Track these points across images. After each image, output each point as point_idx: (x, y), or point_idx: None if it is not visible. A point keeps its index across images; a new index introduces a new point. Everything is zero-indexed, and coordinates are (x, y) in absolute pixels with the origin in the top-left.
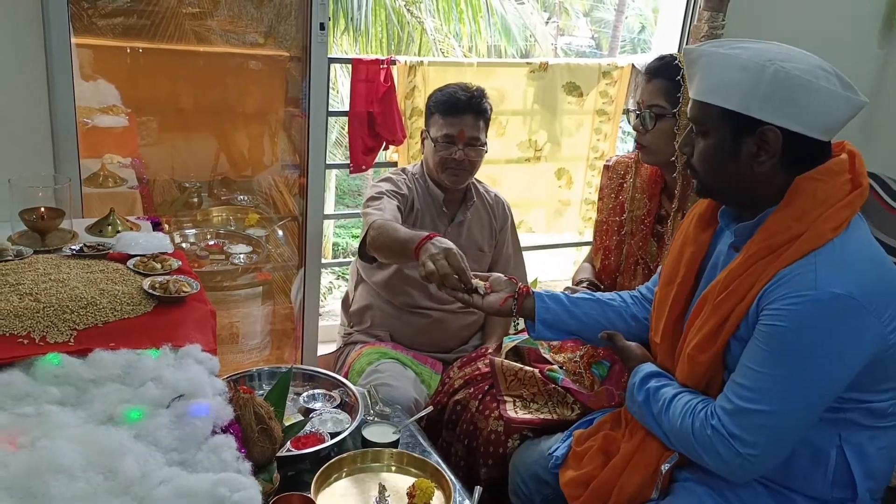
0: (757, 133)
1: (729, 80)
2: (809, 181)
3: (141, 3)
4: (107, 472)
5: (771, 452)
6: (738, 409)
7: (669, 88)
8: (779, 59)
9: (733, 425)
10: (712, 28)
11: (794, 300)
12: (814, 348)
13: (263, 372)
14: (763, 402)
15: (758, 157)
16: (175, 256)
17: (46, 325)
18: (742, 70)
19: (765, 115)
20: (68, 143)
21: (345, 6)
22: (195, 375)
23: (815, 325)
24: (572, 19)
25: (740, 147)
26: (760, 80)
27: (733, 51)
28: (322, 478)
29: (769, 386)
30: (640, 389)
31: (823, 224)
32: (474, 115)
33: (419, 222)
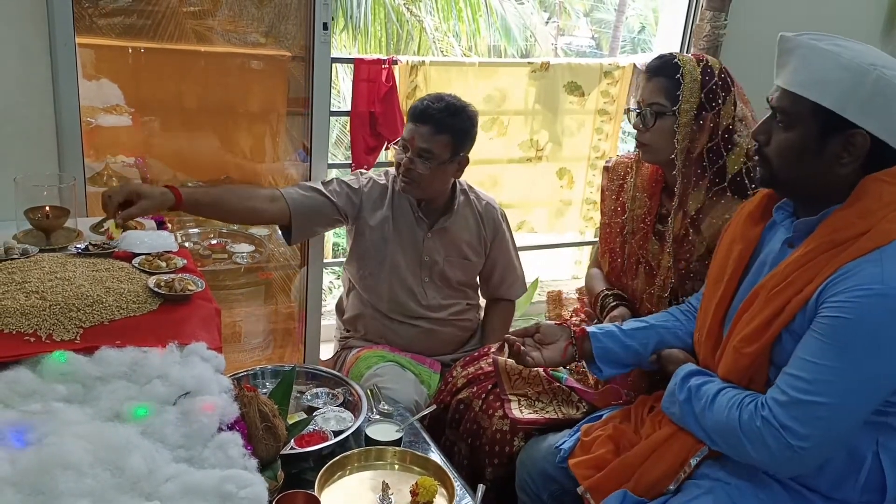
0: (845, 135)
1: (828, 77)
2: (876, 182)
3: (142, 3)
4: (114, 469)
5: (822, 446)
6: (792, 400)
7: (669, 87)
8: (881, 64)
9: (786, 416)
10: (714, 28)
11: (860, 293)
12: (877, 343)
13: (267, 370)
14: (821, 394)
15: (840, 158)
16: (180, 255)
17: (53, 323)
18: (843, 69)
19: (858, 119)
20: (73, 143)
21: (344, 5)
22: (201, 373)
23: (880, 319)
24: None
25: (825, 146)
26: (862, 82)
27: (834, 47)
28: (326, 476)
29: (828, 378)
30: (681, 388)
31: (889, 224)
32: (434, 127)
33: (398, 227)
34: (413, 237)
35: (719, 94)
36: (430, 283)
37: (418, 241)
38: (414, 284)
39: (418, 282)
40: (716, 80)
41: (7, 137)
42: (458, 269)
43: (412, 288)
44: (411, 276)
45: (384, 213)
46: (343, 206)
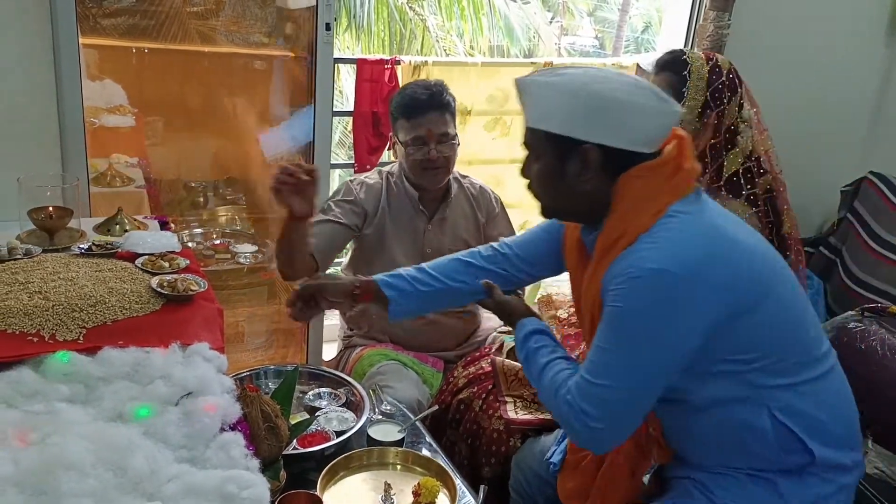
0: (579, 152)
1: (549, 106)
2: (630, 179)
3: (145, 3)
4: (116, 469)
5: (616, 426)
6: (586, 383)
7: (675, 82)
8: (593, 82)
9: (582, 400)
10: (718, 28)
11: (621, 281)
12: (644, 324)
13: (269, 370)
14: (607, 377)
15: (580, 175)
16: (183, 255)
17: (56, 324)
18: (559, 95)
19: (584, 135)
20: (76, 143)
21: (347, 4)
22: (203, 373)
23: (639, 302)
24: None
25: (565, 168)
26: (576, 103)
27: (553, 78)
28: (328, 476)
29: (610, 362)
30: (521, 348)
31: (641, 215)
32: (438, 111)
33: (396, 223)
34: (413, 231)
35: (725, 94)
36: None
37: (419, 234)
38: None
39: None
40: (723, 80)
41: (11, 137)
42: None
43: None
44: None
45: (381, 211)
46: (353, 223)
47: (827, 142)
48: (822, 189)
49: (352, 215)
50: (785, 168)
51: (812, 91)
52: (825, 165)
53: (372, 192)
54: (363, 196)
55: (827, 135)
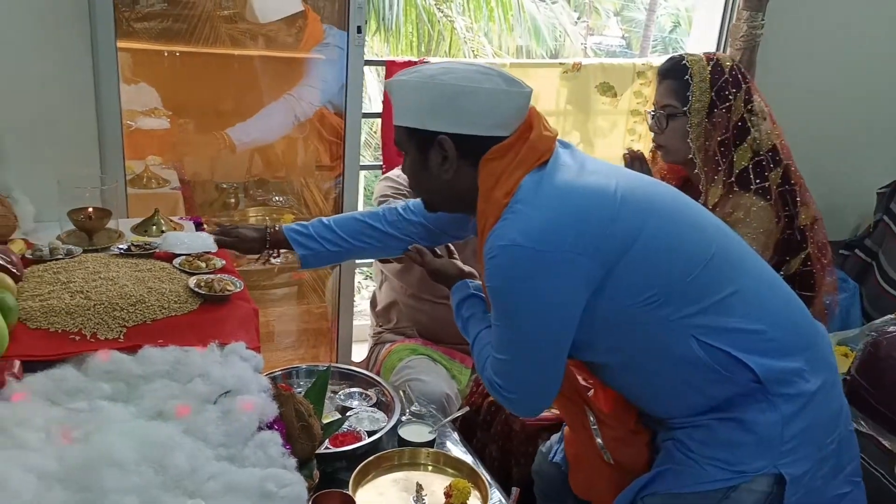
0: (435, 143)
1: (403, 102)
2: (486, 163)
3: (177, 7)
4: (158, 467)
5: (528, 394)
6: (493, 359)
7: (679, 88)
8: (438, 73)
9: (494, 375)
10: (751, 28)
11: (486, 262)
12: (514, 299)
13: (301, 370)
14: (504, 351)
15: (442, 165)
16: (218, 256)
17: (97, 322)
18: (410, 91)
19: (436, 126)
20: (114, 145)
21: (376, 6)
22: (241, 372)
23: (501, 280)
24: (602, 18)
25: (427, 160)
26: (423, 96)
27: (406, 76)
28: (360, 475)
29: (504, 336)
30: (457, 315)
31: (498, 193)
32: None
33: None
34: None
35: (730, 91)
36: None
37: None
38: None
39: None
40: (726, 77)
41: (51, 140)
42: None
43: None
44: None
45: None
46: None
47: (862, 143)
48: (858, 191)
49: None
50: (819, 170)
51: (847, 92)
52: (860, 167)
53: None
54: (404, 183)
55: (862, 136)
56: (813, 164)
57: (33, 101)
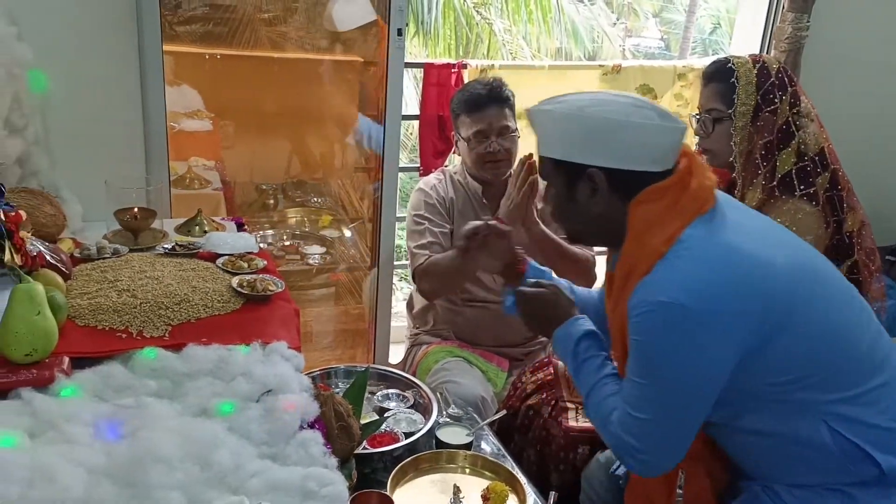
0: (585, 176)
1: (550, 133)
2: (638, 205)
3: (218, 11)
4: (203, 463)
5: (663, 455)
6: (628, 416)
7: (725, 91)
8: (589, 105)
9: (626, 434)
10: (796, 30)
11: (636, 313)
12: (666, 358)
13: (339, 370)
14: (643, 410)
15: (591, 197)
16: (260, 256)
17: (143, 321)
18: (557, 121)
19: (586, 159)
20: (159, 146)
21: (415, 10)
22: (283, 371)
23: (656, 336)
24: (641, 20)
25: (575, 192)
26: (572, 127)
27: (552, 106)
28: (398, 476)
29: (645, 395)
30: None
31: (654, 240)
32: (498, 105)
33: (463, 218)
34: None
35: (776, 93)
36: None
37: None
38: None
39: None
40: (772, 80)
41: (98, 141)
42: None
43: (481, 279)
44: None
45: (454, 200)
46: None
47: None
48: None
49: (444, 214)
50: (863, 174)
51: (894, 95)
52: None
53: (442, 189)
54: (441, 193)
55: None
56: (859, 167)
57: (82, 103)
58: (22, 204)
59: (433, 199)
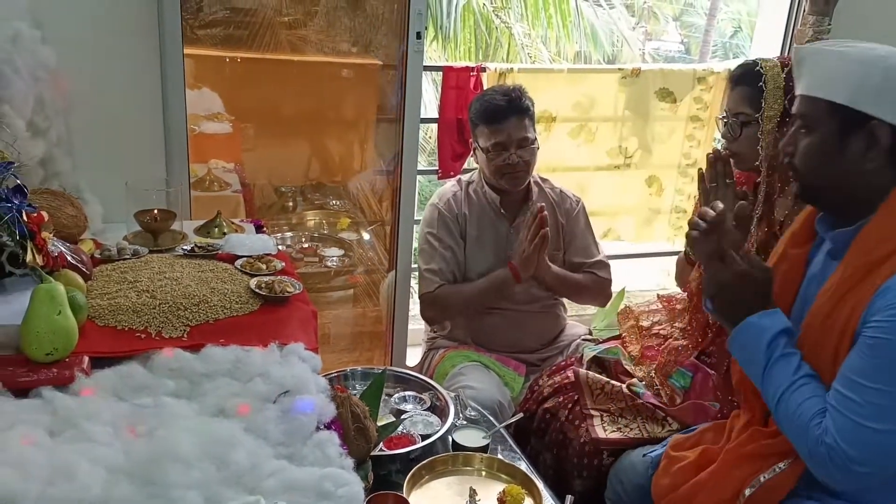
0: (866, 128)
1: (837, 74)
2: None
3: (239, 14)
4: (220, 463)
5: (885, 470)
6: (855, 426)
7: (753, 95)
8: (889, 55)
9: (848, 445)
10: (817, 32)
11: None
12: None
13: (357, 372)
14: (874, 419)
15: (866, 153)
16: (279, 258)
17: (162, 321)
18: (851, 63)
19: (873, 110)
20: (179, 149)
21: (434, 14)
22: (300, 372)
23: None
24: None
25: (847, 144)
26: (871, 73)
27: (843, 48)
28: (414, 478)
29: (879, 402)
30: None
31: None
32: (517, 116)
33: (479, 228)
34: (496, 235)
35: None
36: None
37: (501, 238)
38: None
39: None
40: None
41: (119, 143)
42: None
43: None
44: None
45: (462, 218)
46: (460, 237)
47: None
48: None
49: (456, 233)
50: None
51: None
52: None
53: (456, 203)
54: (454, 209)
55: None
56: None
57: (104, 105)
58: (44, 205)
59: (446, 216)
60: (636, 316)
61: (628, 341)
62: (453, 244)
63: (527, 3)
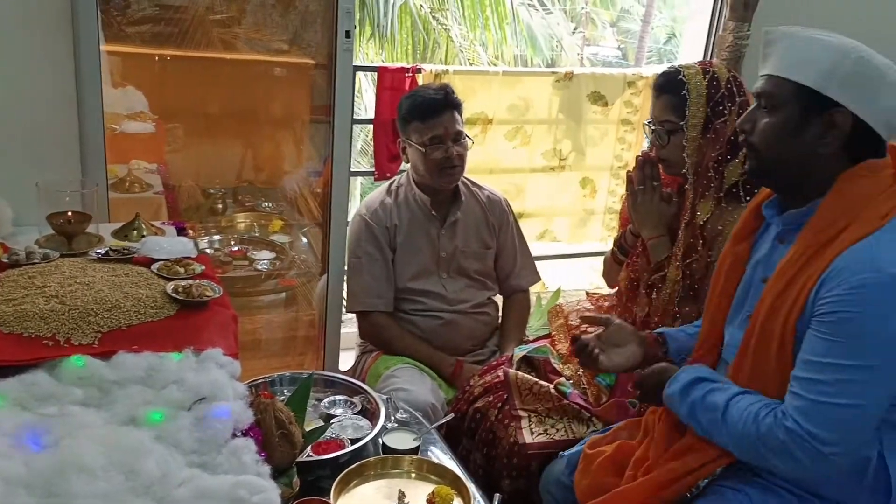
0: (827, 114)
1: (810, 57)
2: (852, 176)
3: (169, 11)
4: (128, 472)
5: (852, 449)
6: (813, 404)
7: (677, 103)
8: (861, 48)
9: (811, 424)
10: (737, 38)
11: (854, 284)
12: (884, 333)
13: (285, 377)
14: (841, 395)
15: (823, 137)
16: (198, 261)
17: (71, 328)
18: (824, 50)
19: (839, 96)
20: (96, 149)
21: (371, 14)
22: (217, 378)
23: (880, 308)
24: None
25: (807, 126)
26: (842, 62)
27: (815, 34)
28: (342, 484)
29: (844, 377)
30: (682, 402)
31: (870, 212)
32: (452, 110)
33: (411, 231)
34: (427, 236)
35: (725, 105)
36: (448, 278)
37: (433, 239)
38: (432, 283)
39: (436, 280)
40: (722, 92)
41: (31, 143)
42: (473, 260)
43: (431, 289)
44: (429, 277)
45: (394, 226)
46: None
47: None
48: None
49: (385, 244)
50: None
51: None
52: None
53: (385, 212)
54: (383, 220)
55: None
56: None
57: (13, 103)
58: None
59: (373, 228)
60: (566, 315)
61: (557, 340)
62: (382, 257)
63: (464, 6)
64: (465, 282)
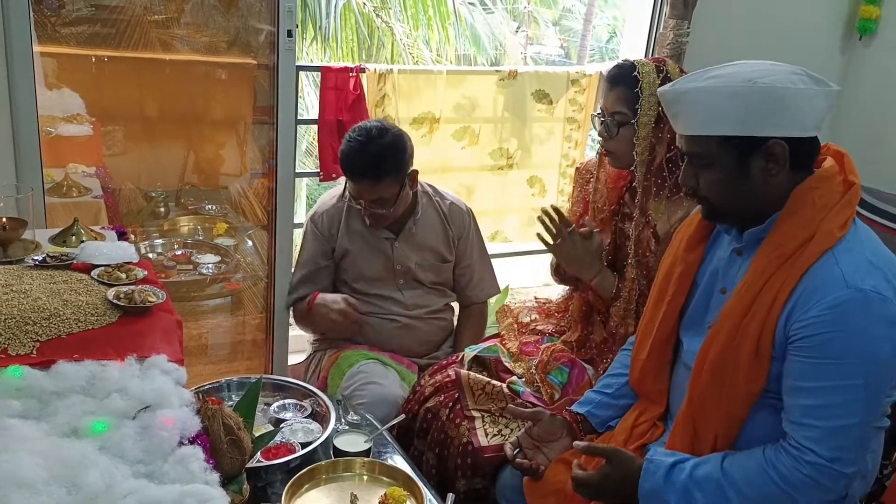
0: (763, 149)
1: (717, 109)
2: (806, 190)
3: (105, 12)
4: (70, 486)
5: (862, 459)
6: (825, 430)
7: (630, 96)
8: (756, 76)
9: (830, 450)
10: (678, 35)
11: (831, 303)
12: (868, 345)
13: (233, 382)
14: (847, 415)
15: (769, 170)
16: (140, 266)
17: (8, 338)
18: (727, 97)
19: (764, 131)
20: (30, 153)
21: (313, 14)
22: (161, 386)
23: (858, 321)
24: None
25: (749, 167)
26: (749, 100)
27: (710, 81)
28: (293, 489)
29: (848, 397)
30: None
31: (828, 224)
32: (373, 179)
33: (363, 240)
34: (381, 247)
35: None
36: (405, 285)
37: (387, 251)
38: (389, 291)
39: (393, 288)
40: None
41: None
42: (430, 272)
43: (387, 294)
44: (385, 284)
45: (341, 234)
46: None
47: None
48: None
49: (327, 247)
50: None
51: None
52: None
53: (335, 219)
54: (326, 226)
55: None
56: None
57: None
58: None
59: (317, 232)
60: (515, 314)
61: (507, 338)
62: (320, 259)
63: (406, 5)
64: (422, 290)
